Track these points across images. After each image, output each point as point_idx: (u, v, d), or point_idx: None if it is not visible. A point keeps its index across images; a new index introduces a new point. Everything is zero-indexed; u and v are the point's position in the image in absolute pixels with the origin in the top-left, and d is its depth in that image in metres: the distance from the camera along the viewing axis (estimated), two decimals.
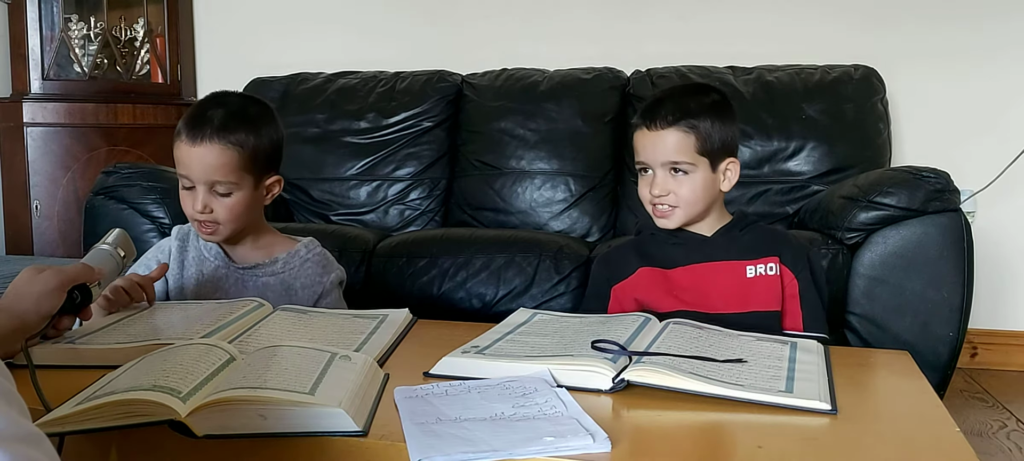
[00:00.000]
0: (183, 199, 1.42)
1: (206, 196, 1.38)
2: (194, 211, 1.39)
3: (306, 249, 1.51)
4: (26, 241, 2.91)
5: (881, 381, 1.15)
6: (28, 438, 0.53)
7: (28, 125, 2.87)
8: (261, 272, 1.47)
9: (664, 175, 1.42)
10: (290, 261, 1.49)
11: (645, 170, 1.46)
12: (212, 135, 1.35)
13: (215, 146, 1.35)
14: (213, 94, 1.47)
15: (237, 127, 1.37)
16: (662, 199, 1.43)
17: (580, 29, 2.89)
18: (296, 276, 1.48)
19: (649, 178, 1.45)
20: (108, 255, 1.22)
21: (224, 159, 1.36)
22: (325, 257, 1.54)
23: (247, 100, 1.47)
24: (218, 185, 1.37)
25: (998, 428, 2.11)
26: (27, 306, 1.04)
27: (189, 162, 1.37)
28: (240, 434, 0.81)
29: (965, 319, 1.82)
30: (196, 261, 1.48)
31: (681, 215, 1.44)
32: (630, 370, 0.96)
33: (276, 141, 1.45)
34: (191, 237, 1.50)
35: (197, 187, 1.38)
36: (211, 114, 1.37)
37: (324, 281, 1.50)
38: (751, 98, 2.46)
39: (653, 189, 1.44)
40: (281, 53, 3.05)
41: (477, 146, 2.61)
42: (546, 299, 2.01)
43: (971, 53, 2.66)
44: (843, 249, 1.90)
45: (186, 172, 1.38)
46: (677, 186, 1.42)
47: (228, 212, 1.39)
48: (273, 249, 1.50)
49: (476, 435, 0.78)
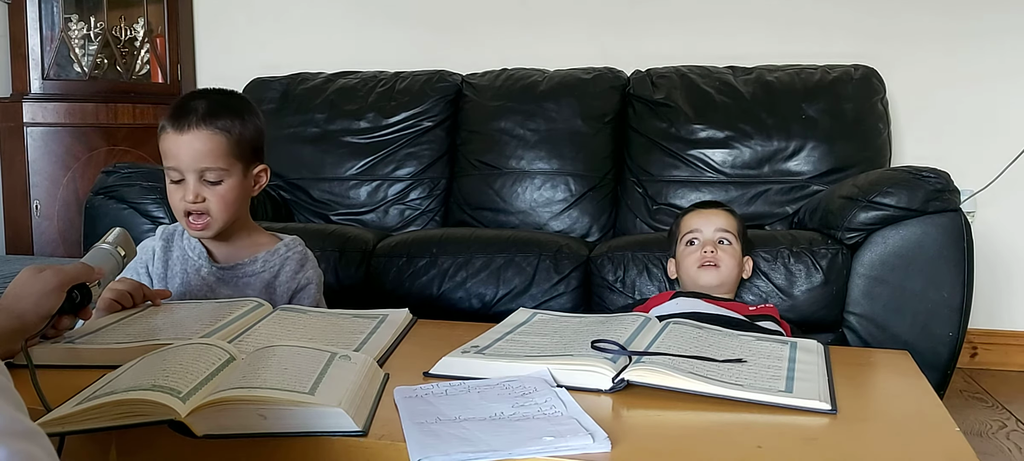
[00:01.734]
0: (172, 194, 1.41)
1: (197, 185, 1.38)
2: (186, 203, 1.39)
3: (287, 248, 1.51)
4: (26, 241, 2.91)
5: (881, 381, 1.15)
6: (26, 434, 0.53)
7: (28, 125, 2.87)
8: (241, 272, 1.47)
9: (714, 242, 1.76)
10: (270, 259, 1.49)
11: (692, 243, 1.78)
12: (198, 122, 1.37)
13: (203, 132, 1.37)
14: (193, 91, 1.50)
15: (222, 114, 1.39)
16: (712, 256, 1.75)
17: (580, 29, 2.89)
18: (276, 274, 1.48)
19: (699, 246, 1.77)
20: (108, 254, 1.22)
21: (212, 145, 1.37)
22: (305, 256, 1.54)
23: (227, 93, 1.50)
24: (208, 172, 1.38)
25: (998, 428, 2.11)
26: (27, 306, 1.03)
27: (177, 151, 1.38)
28: (240, 434, 0.81)
29: (965, 319, 1.82)
30: (180, 260, 1.48)
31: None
32: (630, 370, 0.96)
33: (260, 129, 1.46)
34: (176, 237, 1.50)
35: (187, 178, 1.38)
36: (195, 104, 1.39)
37: (298, 277, 1.50)
38: (751, 98, 2.46)
39: (706, 248, 1.74)
40: (281, 53, 3.05)
41: (477, 146, 2.61)
42: (546, 299, 2.01)
43: (971, 53, 2.66)
44: (843, 249, 1.90)
45: (174, 163, 1.39)
46: (725, 255, 1.74)
47: (220, 200, 1.39)
48: (256, 248, 1.50)
49: (476, 435, 0.78)
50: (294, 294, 1.49)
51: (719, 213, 1.83)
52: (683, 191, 2.45)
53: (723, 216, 1.82)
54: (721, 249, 1.76)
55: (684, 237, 1.82)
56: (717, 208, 1.87)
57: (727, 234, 1.78)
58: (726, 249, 1.76)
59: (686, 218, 1.86)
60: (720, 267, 1.73)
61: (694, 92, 2.51)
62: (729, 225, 1.80)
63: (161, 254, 1.49)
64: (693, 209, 1.89)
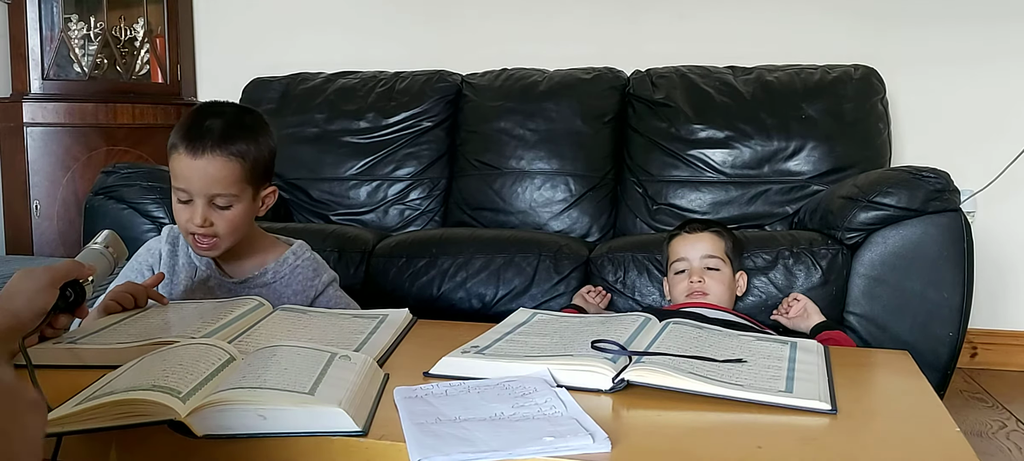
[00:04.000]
0: (178, 212, 1.38)
1: (206, 209, 1.35)
2: (194, 225, 1.35)
3: (295, 256, 1.49)
4: (26, 241, 2.91)
5: (881, 381, 1.15)
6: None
7: (28, 125, 2.87)
8: (251, 284, 1.45)
9: (701, 270, 1.75)
10: (280, 269, 1.47)
11: (680, 271, 1.77)
12: (214, 147, 1.32)
13: (218, 158, 1.33)
14: (206, 104, 1.44)
15: (237, 137, 1.34)
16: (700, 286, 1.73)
17: (580, 29, 2.89)
18: (287, 284, 1.46)
19: (686, 275, 1.76)
20: (99, 254, 1.22)
21: (226, 171, 1.33)
22: (315, 261, 1.52)
23: (242, 110, 1.45)
24: (219, 198, 1.35)
25: (998, 428, 2.11)
26: (20, 304, 1.03)
27: (190, 175, 1.33)
28: (240, 434, 0.81)
29: (965, 319, 1.82)
30: (186, 267, 1.46)
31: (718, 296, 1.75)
32: (630, 370, 0.96)
33: (272, 150, 1.43)
34: (181, 242, 1.48)
35: (195, 200, 1.35)
36: (210, 124, 1.34)
37: (316, 283, 1.49)
38: (751, 98, 2.46)
39: (692, 278, 1.73)
40: (281, 53, 3.05)
41: (477, 146, 2.61)
42: (546, 299, 2.01)
43: (971, 53, 2.66)
44: (843, 249, 1.89)
45: (185, 185, 1.35)
46: (713, 282, 1.73)
47: (228, 225, 1.37)
48: (264, 259, 1.48)
49: (476, 435, 0.78)
50: (314, 300, 1.47)
51: (705, 238, 1.79)
52: (683, 191, 2.45)
53: (709, 240, 1.79)
54: (709, 276, 1.74)
55: (673, 263, 1.81)
56: (703, 231, 1.82)
57: (714, 259, 1.76)
58: (714, 275, 1.74)
59: (674, 244, 1.83)
60: (709, 295, 1.72)
61: (694, 92, 2.51)
62: (715, 249, 1.77)
63: (168, 259, 1.47)
64: (680, 233, 1.84)
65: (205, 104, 1.44)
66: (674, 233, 1.87)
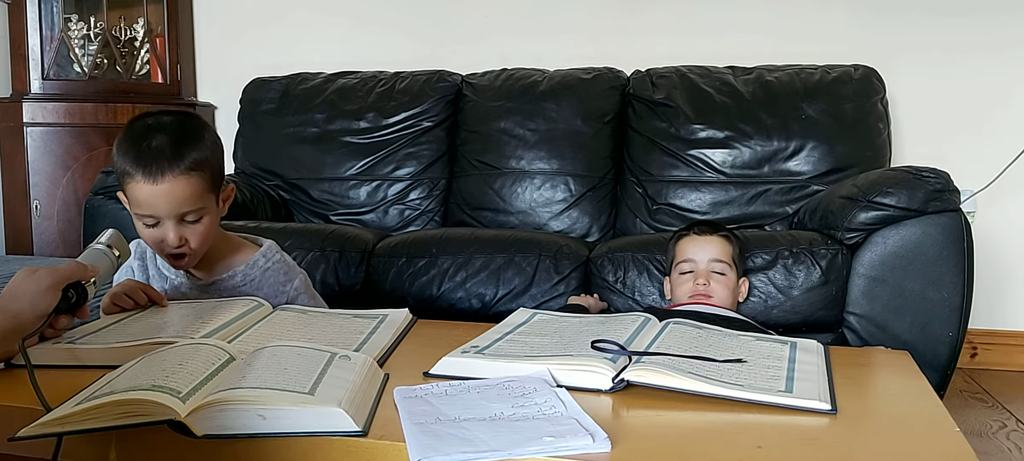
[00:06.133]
0: (147, 235, 1.33)
1: (178, 228, 1.31)
2: (169, 247, 1.32)
3: (265, 258, 1.47)
4: (26, 241, 2.91)
5: (881, 381, 1.15)
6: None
7: (28, 125, 2.87)
8: (221, 286, 1.43)
9: (707, 273, 1.76)
10: (249, 272, 1.44)
11: (686, 271, 1.78)
12: (171, 167, 1.27)
13: (179, 179, 1.27)
14: (140, 122, 1.33)
15: (189, 150, 1.29)
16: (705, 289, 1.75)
17: (580, 29, 2.89)
18: (257, 287, 1.44)
19: (692, 276, 1.77)
20: (102, 254, 1.22)
21: (190, 189, 1.29)
22: (285, 264, 1.49)
23: (180, 118, 1.37)
24: (188, 214, 1.31)
25: (998, 428, 2.10)
26: (23, 305, 1.03)
27: (154, 202, 1.28)
28: (240, 434, 0.81)
29: (965, 319, 1.82)
30: (158, 278, 1.44)
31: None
32: (630, 370, 0.96)
33: (221, 147, 1.39)
34: (148, 254, 1.46)
35: (165, 222, 1.31)
36: (158, 144, 1.27)
37: (288, 290, 1.46)
38: (751, 98, 2.46)
39: (698, 280, 1.75)
40: (281, 53, 3.05)
41: (477, 146, 2.61)
42: (546, 299, 2.01)
43: (971, 53, 2.66)
44: (843, 249, 1.89)
45: (151, 212, 1.30)
46: (718, 285, 1.74)
47: (201, 238, 1.34)
48: (232, 261, 1.46)
49: (476, 435, 0.78)
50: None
51: (714, 241, 1.80)
52: (683, 191, 2.45)
53: (718, 244, 1.79)
54: (714, 279, 1.75)
55: (678, 264, 1.81)
56: (713, 234, 1.82)
57: (722, 263, 1.76)
58: (720, 279, 1.75)
59: (682, 244, 1.83)
60: (713, 298, 1.73)
61: (694, 92, 2.51)
62: (723, 253, 1.78)
63: (139, 275, 1.45)
64: (689, 234, 1.84)
65: (139, 122, 1.33)
66: (682, 233, 1.87)
